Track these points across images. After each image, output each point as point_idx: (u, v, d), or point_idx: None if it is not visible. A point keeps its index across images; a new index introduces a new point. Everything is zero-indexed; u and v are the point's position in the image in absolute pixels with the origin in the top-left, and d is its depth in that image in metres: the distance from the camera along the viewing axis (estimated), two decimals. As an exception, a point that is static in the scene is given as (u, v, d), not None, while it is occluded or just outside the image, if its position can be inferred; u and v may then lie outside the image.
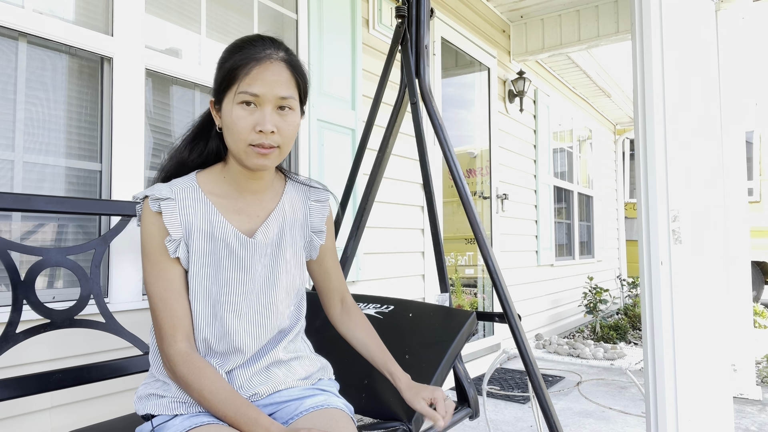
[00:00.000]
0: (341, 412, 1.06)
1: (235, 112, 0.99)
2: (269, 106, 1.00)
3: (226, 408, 0.95)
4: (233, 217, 1.08)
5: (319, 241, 1.20)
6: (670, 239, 1.64)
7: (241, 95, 0.99)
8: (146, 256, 1.03)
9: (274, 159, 1.03)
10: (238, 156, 1.02)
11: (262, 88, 0.99)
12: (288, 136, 1.03)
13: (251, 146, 1.00)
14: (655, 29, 1.67)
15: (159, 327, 1.01)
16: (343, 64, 2.74)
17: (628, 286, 6.98)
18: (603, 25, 4.24)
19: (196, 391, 0.97)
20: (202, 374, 0.97)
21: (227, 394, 0.96)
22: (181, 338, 1.00)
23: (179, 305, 1.02)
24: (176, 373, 0.99)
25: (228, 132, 1.02)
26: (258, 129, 0.99)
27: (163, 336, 1.00)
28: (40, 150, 1.64)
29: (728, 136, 3.31)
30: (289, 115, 1.03)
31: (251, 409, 0.95)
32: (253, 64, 0.99)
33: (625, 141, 8.09)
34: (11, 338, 1.25)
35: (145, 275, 1.03)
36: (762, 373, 3.82)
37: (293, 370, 1.12)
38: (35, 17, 1.58)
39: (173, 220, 1.03)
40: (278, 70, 1.01)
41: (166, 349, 1.00)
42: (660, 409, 1.63)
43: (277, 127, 1.00)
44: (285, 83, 1.01)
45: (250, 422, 0.93)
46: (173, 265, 1.03)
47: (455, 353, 1.44)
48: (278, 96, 1.00)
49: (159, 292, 1.01)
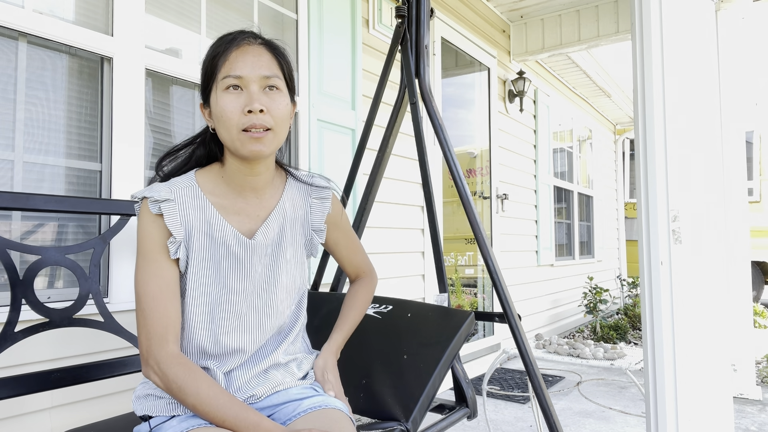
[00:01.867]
0: (340, 413, 1.06)
1: (222, 99, 0.99)
2: (255, 86, 0.99)
3: (225, 413, 0.92)
4: (233, 218, 1.07)
5: (319, 240, 1.19)
6: (670, 239, 1.64)
7: (225, 80, 0.98)
8: (142, 255, 1.00)
9: (269, 143, 1.01)
10: (233, 146, 1.00)
11: (244, 69, 0.99)
12: (280, 117, 1.01)
13: (244, 132, 0.98)
14: (655, 29, 1.67)
15: (148, 327, 0.97)
16: (343, 64, 2.74)
17: (628, 286, 6.98)
18: (603, 25, 4.24)
19: (191, 396, 0.93)
20: (198, 378, 0.94)
21: (225, 399, 0.94)
22: (173, 341, 0.98)
23: (172, 307, 0.99)
24: (167, 377, 0.94)
25: (219, 123, 1.00)
26: (247, 109, 0.97)
27: (152, 337, 0.96)
28: (40, 150, 1.64)
29: (728, 136, 3.31)
30: (277, 95, 1.02)
31: (251, 413, 0.93)
32: (232, 49, 1.00)
33: (625, 141, 8.09)
34: (10, 337, 1.25)
35: (138, 274, 1.00)
36: (762, 373, 3.81)
37: (292, 371, 1.12)
38: (35, 17, 1.58)
39: (174, 221, 1.01)
40: (258, 51, 1.01)
41: (155, 351, 0.96)
42: (660, 409, 1.63)
43: (266, 107, 0.99)
44: (266, 63, 1.01)
45: (252, 426, 0.91)
46: (170, 266, 1.01)
47: (453, 353, 1.44)
48: (262, 75, 1.00)
49: (152, 292, 0.98)
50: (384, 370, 1.46)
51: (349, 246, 1.31)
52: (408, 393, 1.37)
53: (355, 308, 1.29)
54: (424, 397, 1.35)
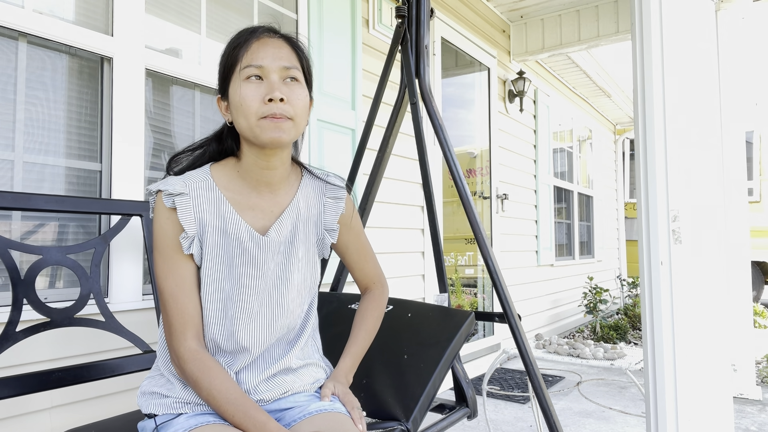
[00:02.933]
0: (346, 417, 1.06)
1: (242, 88, 0.99)
2: (275, 75, 1.00)
3: (235, 409, 0.94)
4: (247, 214, 1.06)
5: (331, 240, 1.17)
6: (670, 239, 1.64)
7: (246, 70, 0.99)
8: (158, 251, 1.02)
9: (288, 131, 1.00)
10: (252, 134, 1.00)
11: (265, 59, 0.99)
12: (300, 107, 1.02)
13: (263, 119, 0.98)
14: (655, 29, 1.67)
15: (169, 323, 1.00)
16: (343, 64, 2.74)
17: (628, 286, 6.98)
18: (603, 25, 4.24)
19: (204, 390, 0.96)
20: (212, 373, 0.96)
21: (236, 396, 0.95)
22: (191, 336, 1.00)
23: (190, 302, 1.01)
24: (185, 371, 0.98)
25: (238, 112, 1.00)
26: (267, 98, 0.98)
27: (173, 333, 0.99)
28: (40, 150, 1.64)
29: (728, 136, 3.31)
30: (296, 86, 1.02)
31: (260, 413, 0.94)
32: (253, 40, 1.01)
33: (625, 141, 8.09)
34: (11, 337, 1.25)
35: (157, 270, 1.02)
36: (762, 373, 3.82)
37: (302, 376, 1.12)
38: (35, 17, 1.59)
39: (188, 215, 1.01)
40: (278, 43, 1.02)
41: (176, 346, 0.99)
42: (660, 409, 1.63)
43: (286, 96, 0.99)
44: (287, 55, 1.02)
45: (259, 426, 0.92)
46: (186, 261, 1.02)
47: (454, 353, 1.44)
48: (282, 66, 1.00)
49: (170, 288, 1.00)
50: (384, 369, 1.46)
51: (360, 250, 1.27)
52: (408, 393, 1.37)
53: (365, 329, 1.24)
54: (425, 397, 1.35)
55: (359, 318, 1.26)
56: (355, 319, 1.26)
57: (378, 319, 1.27)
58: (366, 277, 1.30)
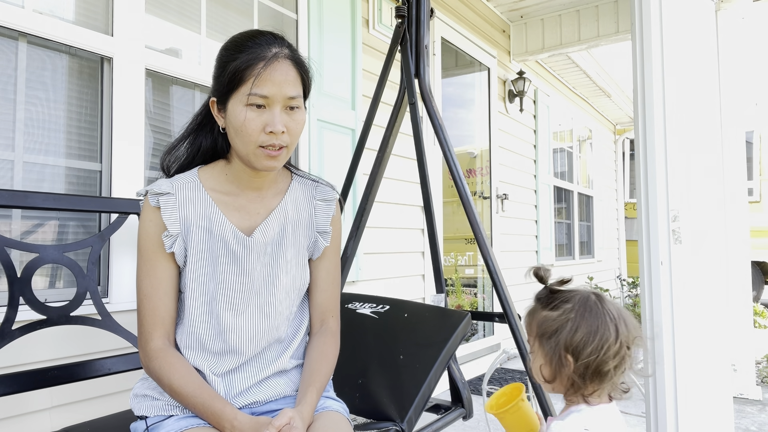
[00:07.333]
0: (339, 415, 1.06)
1: (245, 114, 0.98)
2: (278, 107, 0.99)
3: (194, 400, 0.96)
4: (233, 215, 1.07)
5: (324, 243, 1.16)
6: (670, 239, 1.63)
7: (252, 98, 0.98)
8: (139, 253, 1.04)
9: (282, 159, 1.03)
10: (246, 158, 1.02)
11: (272, 90, 0.98)
12: (295, 134, 1.03)
13: (261, 148, 0.99)
14: (655, 29, 1.67)
15: (140, 323, 1.03)
16: (343, 64, 2.74)
17: (628, 286, 6.98)
18: (603, 25, 4.24)
19: (167, 386, 0.98)
20: (172, 369, 0.98)
21: (194, 387, 0.97)
22: (159, 335, 1.02)
23: (163, 304, 1.03)
24: (150, 369, 1.00)
25: (236, 134, 1.01)
26: (268, 130, 0.98)
27: (142, 332, 1.02)
28: (40, 150, 1.64)
29: (728, 135, 3.31)
30: (297, 113, 1.03)
31: (218, 401, 0.96)
32: (262, 65, 0.98)
33: (625, 141, 8.08)
34: (7, 335, 1.25)
35: (137, 272, 1.05)
36: (762, 373, 3.81)
37: (294, 378, 1.12)
38: (35, 17, 1.58)
39: (171, 214, 1.03)
40: (285, 69, 1.00)
41: (143, 344, 1.02)
42: (660, 409, 1.62)
43: (286, 127, 1.00)
44: (292, 82, 1.01)
45: (217, 413, 0.94)
46: (164, 263, 1.03)
47: (450, 354, 1.44)
48: (287, 96, 1.00)
49: (146, 289, 1.02)
50: (380, 370, 1.45)
51: (330, 272, 1.17)
52: (404, 393, 1.37)
53: (327, 361, 1.10)
54: (420, 398, 1.35)
55: (321, 354, 1.11)
56: (316, 352, 1.11)
57: (335, 357, 1.14)
58: (328, 303, 1.17)
